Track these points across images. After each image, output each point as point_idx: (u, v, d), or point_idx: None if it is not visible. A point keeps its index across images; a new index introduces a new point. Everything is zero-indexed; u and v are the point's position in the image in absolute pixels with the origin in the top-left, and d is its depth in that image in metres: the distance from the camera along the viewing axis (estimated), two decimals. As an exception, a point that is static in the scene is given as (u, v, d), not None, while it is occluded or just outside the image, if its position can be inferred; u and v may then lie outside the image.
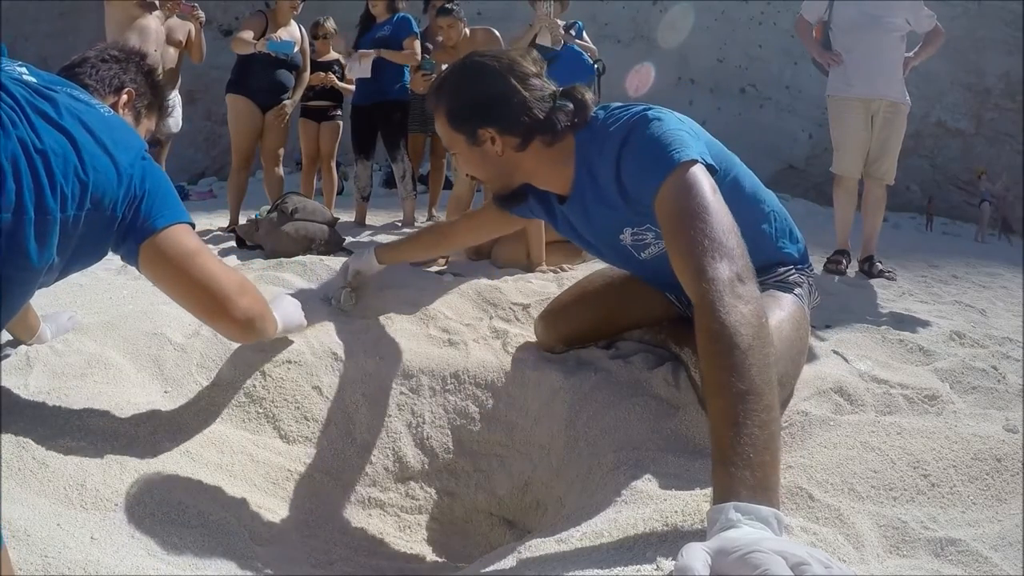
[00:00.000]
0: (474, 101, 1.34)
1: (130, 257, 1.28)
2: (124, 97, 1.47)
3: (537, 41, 3.83)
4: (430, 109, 1.42)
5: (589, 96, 1.37)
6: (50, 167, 1.09)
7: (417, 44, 4.31)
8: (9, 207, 1.02)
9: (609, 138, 1.30)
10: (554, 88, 1.37)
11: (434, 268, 2.79)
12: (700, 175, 1.13)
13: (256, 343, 1.68)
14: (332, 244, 3.31)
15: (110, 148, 1.21)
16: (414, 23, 4.39)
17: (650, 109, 1.29)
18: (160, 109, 1.57)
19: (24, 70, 1.26)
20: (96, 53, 1.49)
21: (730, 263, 1.00)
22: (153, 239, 1.25)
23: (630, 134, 1.26)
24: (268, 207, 3.58)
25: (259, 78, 4.08)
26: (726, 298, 0.95)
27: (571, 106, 1.34)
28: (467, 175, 1.52)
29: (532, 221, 2.03)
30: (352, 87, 4.56)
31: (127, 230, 1.24)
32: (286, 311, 1.66)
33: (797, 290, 1.46)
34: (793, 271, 1.48)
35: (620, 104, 1.38)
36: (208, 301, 1.31)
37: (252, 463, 1.48)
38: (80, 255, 1.21)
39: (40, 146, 1.09)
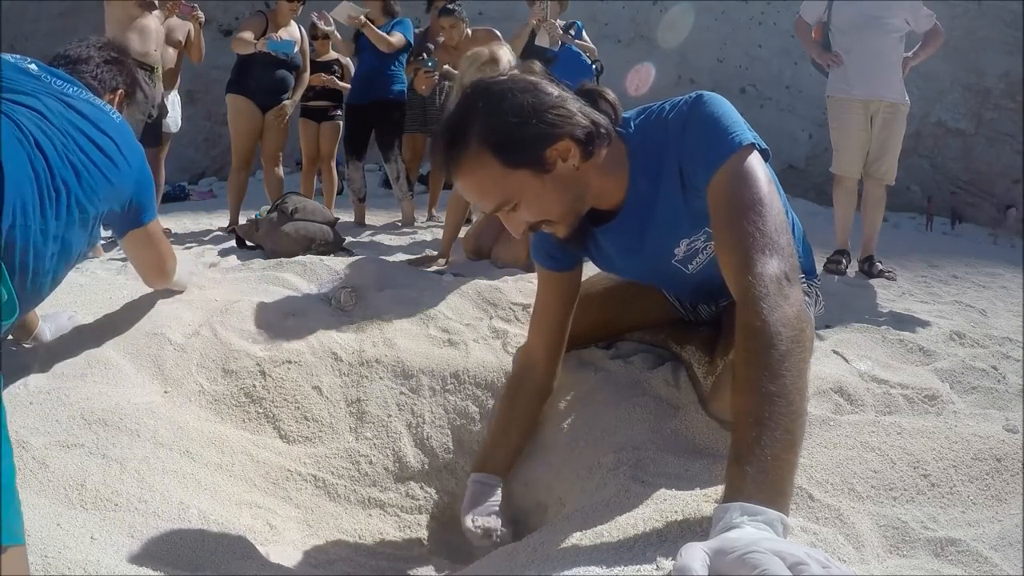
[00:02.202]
0: (530, 116, 1.07)
1: (115, 235, 1.63)
2: (117, 97, 1.65)
3: (536, 42, 3.83)
4: (453, 166, 1.13)
5: (609, 92, 1.23)
6: (92, 178, 1.38)
7: (397, 39, 4.23)
8: (59, 217, 1.29)
9: (669, 127, 1.19)
10: (570, 90, 1.19)
11: (434, 268, 2.79)
12: (757, 164, 1.09)
13: (254, 343, 1.70)
14: (332, 244, 3.32)
15: (125, 153, 1.49)
16: (411, 30, 4.39)
17: (704, 92, 1.21)
18: (135, 104, 1.78)
19: (34, 67, 1.43)
20: (99, 54, 1.61)
21: (780, 261, 0.97)
22: (138, 230, 1.62)
23: (690, 116, 1.17)
24: (268, 207, 3.58)
25: (259, 78, 4.08)
26: (771, 296, 0.92)
27: (596, 103, 1.19)
28: (526, 231, 1.19)
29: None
30: (349, 86, 4.57)
31: (120, 219, 1.57)
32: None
33: (805, 299, 1.45)
34: (803, 280, 1.48)
35: (661, 102, 1.28)
36: (159, 272, 1.78)
37: (252, 463, 1.48)
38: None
39: (86, 161, 1.37)
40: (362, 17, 4.12)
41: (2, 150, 1.18)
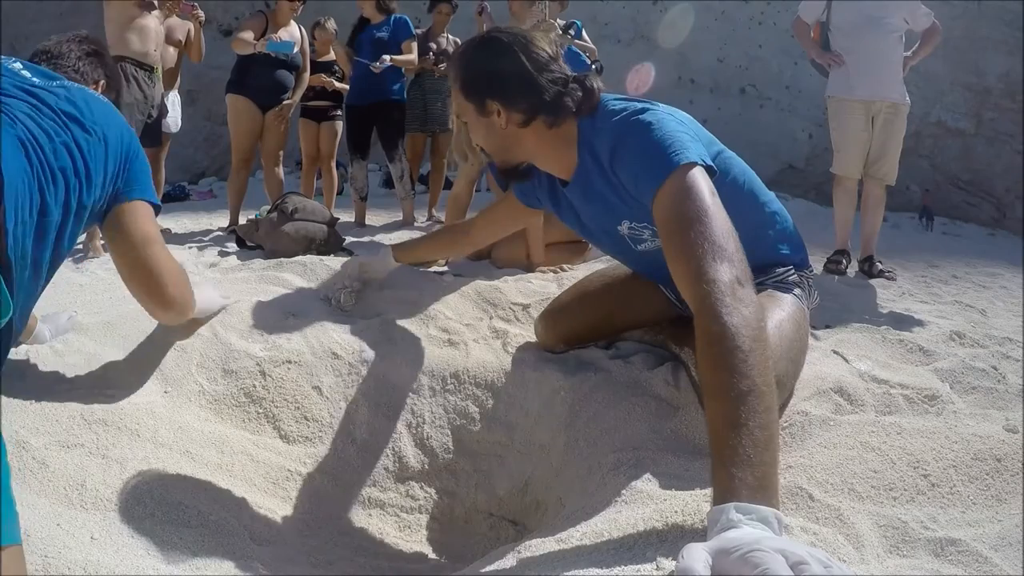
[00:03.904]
0: (485, 74, 1.37)
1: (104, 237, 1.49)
2: (99, 88, 1.64)
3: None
4: (449, 77, 1.48)
5: (599, 86, 1.38)
6: (88, 169, 1.30)
7: (415, 46, 4.32)
8: (59, 206, 1.23)
9: (608, 131, 1.31)
10: (568, 73, 1.37)
11: (434, 268, 2.79)
12: (699, 178, 1.13)
13: (254, 343, 1.68)
14: (332, 244, 3.31)
15: (123, 134, 1.43)
16: (411, 25, 4.40)
17: (649, 108, 1.29)
18: (113, 94, 1.74)
19: (18, 64, 1.40)
20: (78, 47, 1.62)
21: (730, 266, 0.99)
22: (122, 207, 1.42)
23: (628, 132, 1.26)
24: (268, 207, 3.58)
25: (259, 78, 4.08)
26: (727, 300, 0.94)
27: (579, 93, 1.35)
28: (477, 145, 1.54)
29: (532, 220, 2.02)
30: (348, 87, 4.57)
31: (108, 201, 1.42)
32: (205, 296, 1.78)
33: (796, 290, 1.46)
34: (792, 272, 1.48)
35: (621, 97, 1.39)
36: (157, 292, 1.49)
37: (252, 463, 1.48)
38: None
39: (80, 150, 1.29)
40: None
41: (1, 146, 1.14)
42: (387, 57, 4.16)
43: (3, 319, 1.06)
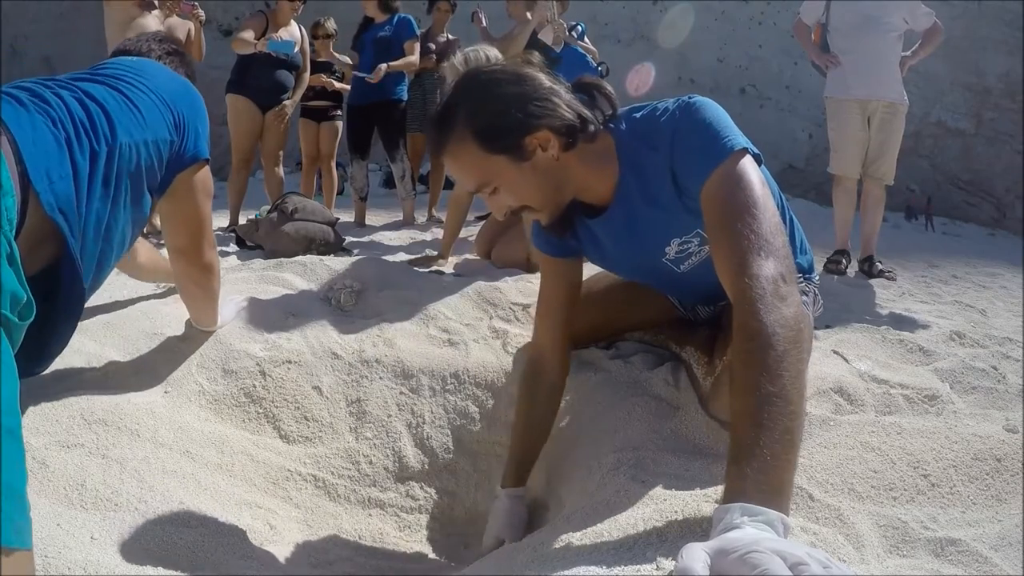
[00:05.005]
0: (512, 105, 1.12)
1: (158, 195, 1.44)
2: None
3: (539, 36, 3.80)
4: (439, 146, 1.17)
5: (607, 86, 1.25)
6: (108, 115, 1.26)
7: (417, 47, 4.32)
8: (86, 157, 1.19)
9: (660, 130, 1.19)
10: (566, 83, 1.23)
11: (434, 268, 2.79)
12: (750, 168, 1.09)
13: (254, 343, 1.68)
14: (332, 244, 3.32)
15: (177, 87, 1.46)
16: (415, 25, 4.40)
17: (694, 96, 1.22)
18: None
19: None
20: (159, 47, 1.62)
21: (775, 262, 0.96)
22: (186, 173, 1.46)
23: (680, 121, 1.18)
24: (268, 207, 3.58)
25: (259, 78, 4.08)
26: (768, 297, 0.92)
27: (593, 97, 1.22)
28: (508, 214, 1.22)
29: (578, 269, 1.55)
30: (349, 87, 4.57)
31: (175, 159, 1.43)
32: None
33: (804, 298, 1.45)
34: (801, 279, 1.48)
35: (654, 102, 1.29)
36: (195, 245, 1.55)
37: (252, 463, 1.48)
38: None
39: (94, 98, 1.27)
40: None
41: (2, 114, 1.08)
42: (383, 66, 4.16)
43: (26, 321, 1.03)
